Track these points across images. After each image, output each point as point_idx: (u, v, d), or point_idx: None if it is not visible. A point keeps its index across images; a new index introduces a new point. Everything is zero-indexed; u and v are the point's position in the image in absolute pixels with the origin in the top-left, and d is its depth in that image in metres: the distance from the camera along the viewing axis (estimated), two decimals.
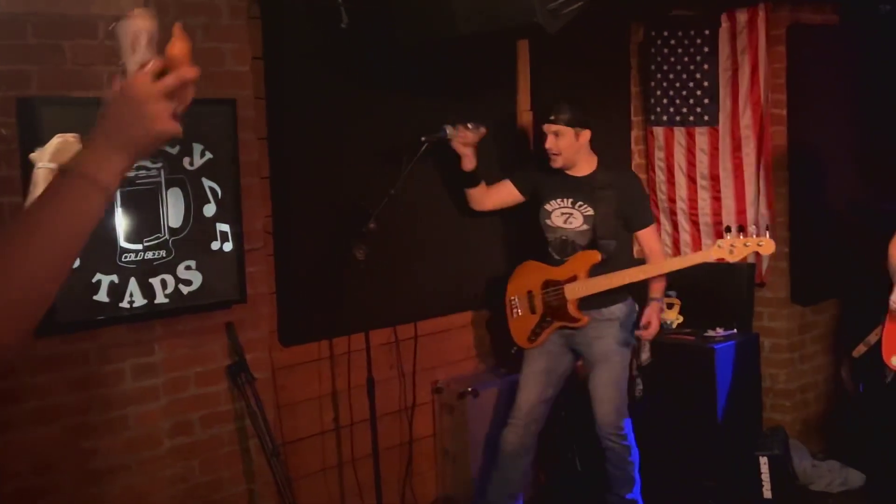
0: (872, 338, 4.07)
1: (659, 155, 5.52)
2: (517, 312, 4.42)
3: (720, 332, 5.10)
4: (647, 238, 4.39)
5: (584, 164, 4.29)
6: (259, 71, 3.94)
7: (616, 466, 4.36)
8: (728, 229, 4.32)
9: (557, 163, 4.22)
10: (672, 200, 5.53)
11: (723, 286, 5.28)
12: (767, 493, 4.81)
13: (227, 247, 3.70)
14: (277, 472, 3.77)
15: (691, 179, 5.45)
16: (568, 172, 4.30)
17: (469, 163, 4.27)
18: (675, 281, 5.33)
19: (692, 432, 4.92)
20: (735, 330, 5.14)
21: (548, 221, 4.33)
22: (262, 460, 3.79)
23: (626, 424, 4.34)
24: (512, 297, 4.44)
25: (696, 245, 5.46)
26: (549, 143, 4.18)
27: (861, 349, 4.16)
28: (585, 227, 4.26)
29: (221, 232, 3.68)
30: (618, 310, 4.28)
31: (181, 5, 3.57)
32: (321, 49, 4.07)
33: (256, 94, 3.90)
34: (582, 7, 3.37)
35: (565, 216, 4.28)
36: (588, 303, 4.23)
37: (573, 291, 4.22)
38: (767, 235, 4.15)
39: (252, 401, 3.74)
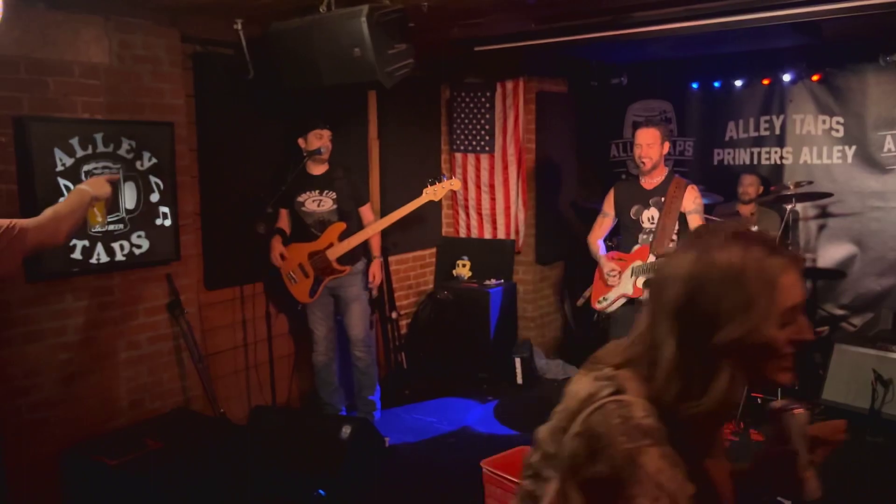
0: (587, 293, 4.09)
1: (458, 171, 5.60)
2: (294, 280, 4.07)
3: (493, 281, 5.27)
4: (366, 211, 4.16)
5: (323, 165, 4.08)
6: (191, 104, 3.83)
7: (363, 372, 4.21)
8: (432, 181, 4.10)
9: (326, 156, 4.02)
10: (466, 200, 5.59)
11: (495, 253, 5.47)
12: (519, 380, 5.05)
13: (167, 222, 3.60)
14: (202, 373, 3.73)
15: (477, 187, 5.56)
16: (314, 173, 4.05)
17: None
18: (467, 250, 5.59)
19: (474, 343, 5.08)
20: (502, 280, 5.31)
21: (303, 209, 4.05)
22: (191, 366, 3.73)
23: (370, 341, 4.17)
24: (287, 272, 4.08)
25: (480, 227, 5.60)
26: (322, 142, 3.99)
27: (581, 300, 4.19)
28: (334, 206, 4.05)
29: (163, 212, 3.58)
30: (361, 265, 4.12)
31: (134, 57, 3.44)
32: (234, 91, 3.99)
33: (189, 119, 3.79)
34: (408, 72, 3.42)
35: (316, 202, 4.04)
36: (342, 261, 4.04)
37: (333, 253, 4.01)
38: (454, 178, 4.22)
39: (185, 326, 3.67)
